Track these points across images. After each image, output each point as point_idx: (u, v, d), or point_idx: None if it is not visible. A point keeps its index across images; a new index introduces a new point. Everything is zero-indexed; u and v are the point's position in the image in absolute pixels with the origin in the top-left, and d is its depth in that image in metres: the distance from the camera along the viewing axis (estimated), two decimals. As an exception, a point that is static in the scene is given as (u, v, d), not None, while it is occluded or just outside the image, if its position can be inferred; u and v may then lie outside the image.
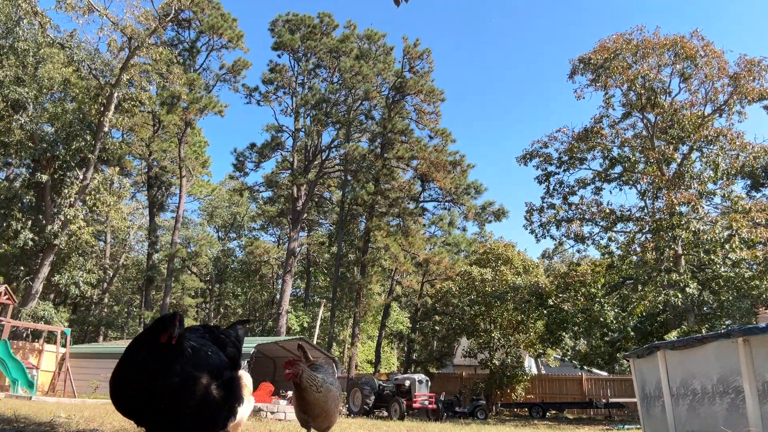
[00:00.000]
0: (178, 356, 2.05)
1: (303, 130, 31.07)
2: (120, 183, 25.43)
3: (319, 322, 29.33)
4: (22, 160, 22.79)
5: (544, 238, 23.27)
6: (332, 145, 32.11)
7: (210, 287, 43.13)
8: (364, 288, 28.28)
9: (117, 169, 24.82)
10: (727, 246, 17.88)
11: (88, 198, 22.85)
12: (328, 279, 36.99)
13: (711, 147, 20.81)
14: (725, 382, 5.11)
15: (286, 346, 20.10)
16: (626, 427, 14.11)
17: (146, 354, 2.05)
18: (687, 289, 17.68)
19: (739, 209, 19.09)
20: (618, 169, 22.11)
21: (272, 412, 11.84)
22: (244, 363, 15.34)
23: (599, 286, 21.88)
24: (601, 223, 22.45)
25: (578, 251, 23.88)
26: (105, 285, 33.84)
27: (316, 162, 31.79)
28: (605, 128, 22.96)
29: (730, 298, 18.80)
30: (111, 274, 34.87)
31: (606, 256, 22.04)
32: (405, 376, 17.85)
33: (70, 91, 23.01)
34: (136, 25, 22.54)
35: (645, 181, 20.70)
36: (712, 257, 18.40)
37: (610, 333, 22.26)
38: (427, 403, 16.31)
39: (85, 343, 26.97)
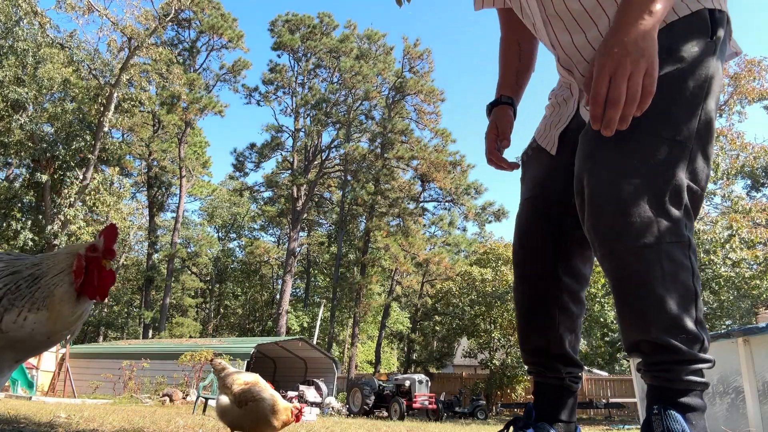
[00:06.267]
0: None
1: (303, 130, 31.09)
2: (120, 183, 25.39)
3: (318, 322, 29.30)
4: (22, 160, 22.75)
5: (544, 238, 23.20)
6: (332, 145, 32.13)
7: (210, 287, 43.09)
8: (364, 288, 28.27)
9: (117, 169, 24.80)
10: (727, 246, 17.87)
11: (88, 198, 22.83)
12: (328, 279, 36.98)
13: (711, 147, 20.81)
14: (725, 382, 5.11)
15: (286, 346, 20.13)
16: (626, 427, 14.08)
17: None
18: (687, 289, 17.64)
19: (739, 209, 19.09)
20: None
21: (272, 412, 11.81)
22: (245, 363, 15.33)
23: (599, 286, 21.86)
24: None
25: (578, 251, 23.81)
26: (105, 285, 33.78)
27: (316, 162, 31.79)
28: (605, 128, 22.93)
29: (730, 298, 18.80)
30: (111, 274, 34.80)
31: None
32: (405, 376, 17.82)
33: (69, 91, 22.99)
34: (136, 25, 22.54)
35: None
36: (712, 257, 18.38)
37: (610, 333, 22.24)
38: (427, 403, 16.29)
39: (84, 343, 26.95)
